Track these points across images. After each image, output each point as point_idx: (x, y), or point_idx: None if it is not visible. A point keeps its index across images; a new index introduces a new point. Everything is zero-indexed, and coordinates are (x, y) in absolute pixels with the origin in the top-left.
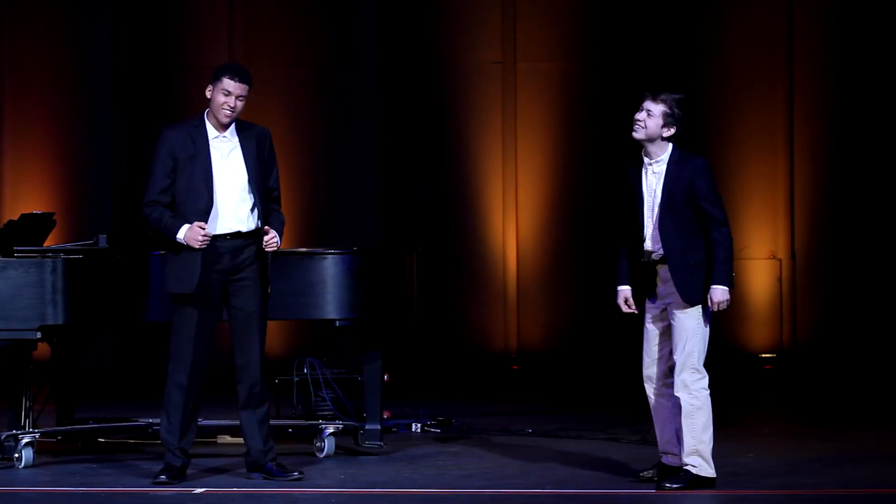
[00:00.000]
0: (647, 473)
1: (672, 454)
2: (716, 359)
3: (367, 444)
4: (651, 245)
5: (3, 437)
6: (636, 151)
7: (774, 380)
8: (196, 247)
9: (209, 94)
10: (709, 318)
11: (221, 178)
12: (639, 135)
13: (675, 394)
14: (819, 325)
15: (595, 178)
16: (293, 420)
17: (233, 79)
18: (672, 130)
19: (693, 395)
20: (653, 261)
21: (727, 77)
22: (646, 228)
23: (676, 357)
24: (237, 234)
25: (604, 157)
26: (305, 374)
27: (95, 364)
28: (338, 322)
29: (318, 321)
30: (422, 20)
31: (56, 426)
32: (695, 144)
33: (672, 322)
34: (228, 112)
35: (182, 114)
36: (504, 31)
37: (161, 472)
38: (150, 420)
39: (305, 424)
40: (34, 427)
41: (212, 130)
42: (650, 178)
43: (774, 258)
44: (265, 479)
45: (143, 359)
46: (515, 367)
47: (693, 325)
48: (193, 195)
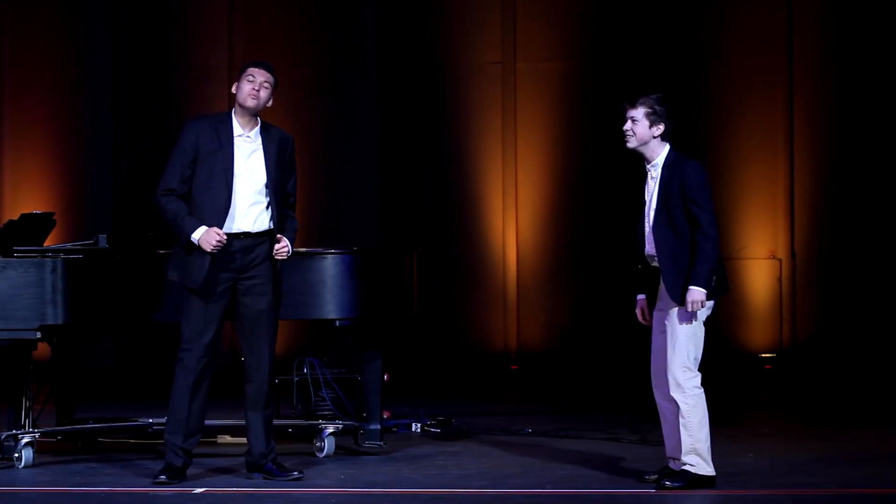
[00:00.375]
0: (652, 477)
1: (678, 460)
2: (716, 359)
3: (367, 444)
4: (650, 249)
5: (3, 437)
6: (635, 154)
7: (774, 380)
8: (208, 250)
9: (235, 90)
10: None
11: (241, 178)
12: (631, 143)
13: (670, 394)
14: (819, 325)
15: (595, 178)
16: (293, 420)
17: (257, 66)
18: (661, 126)
19: (686, 395)
20: (654, 266)
21: (727, 77)
22: (646, 233)
23: (668, 356)
24: (247, 234)
25: (604, 157)
26: (305, 374)
27: (95, 364)
28: (338, 322)
29: (318, 321)
30: (422, 20)
31: (56, 426)
32: (695, 144)
33: (666, 322)
34: (254, 94)
35: (182, 114)
36: (504, 31)
37: (161, 472)
38: (150, 420)
39: (305, 424)
40: (34, 427)
41: (237, 128)
42: (650, 184)
43: (774, 258)
44: (265, 479)
45: (143, 359)
46: (515, 367)
47: (684, 325)
48: (212, 191)
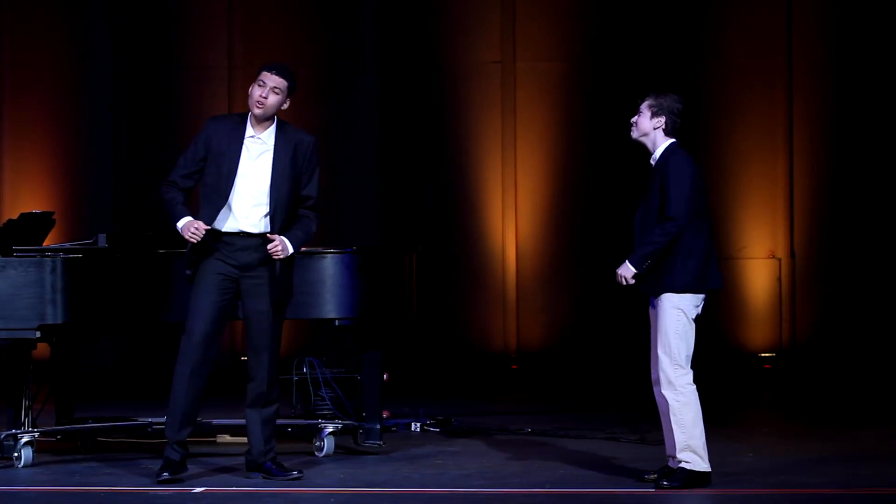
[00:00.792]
0: (652, 477)
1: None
2: (716, 358)
3: (367, 444)
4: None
5: (3, 437)
6: (635, 152)
7: (774, 379)
8: (187, 238)
9: (249, 92)
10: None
11: (244, 178)
12: (633, 134)
13: (662, 391)
14: (818, 325)
15: (595, 178)
16: (293, 419)
17: (269, 70)
18: (661, 119)
19: (678, 392)
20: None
21: (727, 77)
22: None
23: (659, 352)
24: (248, 235)
25: (604, 157)
26: (305, 374)
27: (95, 364)
28: (337, 321)
29: (318, 321)
30: (422, 20)
31: (55, 426)
32: (695, 144)
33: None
34: (261, 102)
35: (182, 114)
36: (504, 31)
37: (162, 469)
38: (150, 420)
39: (305, 424)
40: (33, 426)
41: (249, 129)
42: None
43: (774, 258)
44: (264, 479)
45: (143, 359)
46: (515, 367)
47: (671, 321)
48: (214, 189)
